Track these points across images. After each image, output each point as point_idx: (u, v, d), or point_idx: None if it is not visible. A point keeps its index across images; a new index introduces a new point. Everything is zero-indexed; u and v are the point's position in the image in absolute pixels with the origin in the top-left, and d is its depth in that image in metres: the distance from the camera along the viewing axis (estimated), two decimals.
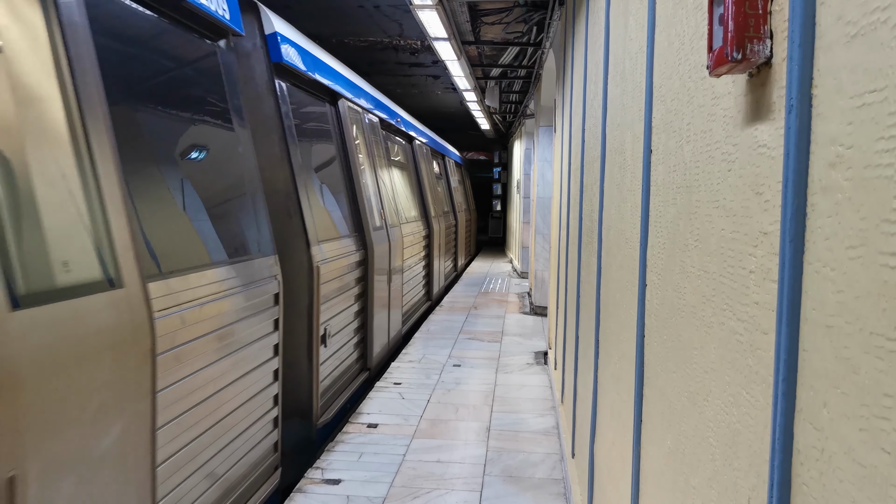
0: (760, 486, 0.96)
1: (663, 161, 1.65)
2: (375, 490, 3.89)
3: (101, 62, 2.35)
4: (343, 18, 8.09)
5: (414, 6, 5.40)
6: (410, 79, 12.00)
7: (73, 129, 2.15)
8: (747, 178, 1.04)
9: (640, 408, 1.86)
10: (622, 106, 2.33)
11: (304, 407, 4.48)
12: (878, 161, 0.67)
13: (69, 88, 2.14)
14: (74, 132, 2.15)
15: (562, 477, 4.10)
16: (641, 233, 1.88)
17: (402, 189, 8.70)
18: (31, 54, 2.01)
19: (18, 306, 1.75)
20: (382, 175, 7.27)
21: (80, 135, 2.17)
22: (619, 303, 2.28)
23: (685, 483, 1.37)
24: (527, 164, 12.83)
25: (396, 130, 8.90)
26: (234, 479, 3.20)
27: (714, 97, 1.22)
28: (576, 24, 4.24)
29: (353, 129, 6.15)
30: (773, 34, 0.95)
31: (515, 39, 7.55)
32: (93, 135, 2.23)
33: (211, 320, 2.90)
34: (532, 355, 7.23)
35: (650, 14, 1.81)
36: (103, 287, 2.13)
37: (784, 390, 0.87)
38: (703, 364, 1.27)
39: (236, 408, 3.18)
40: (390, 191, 7.65)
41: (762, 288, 0.97)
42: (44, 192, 1.96)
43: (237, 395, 3.20)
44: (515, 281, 13.59)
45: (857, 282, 0.71)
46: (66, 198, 2.06)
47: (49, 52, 2.06)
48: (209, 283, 2.92)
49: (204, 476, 2.87)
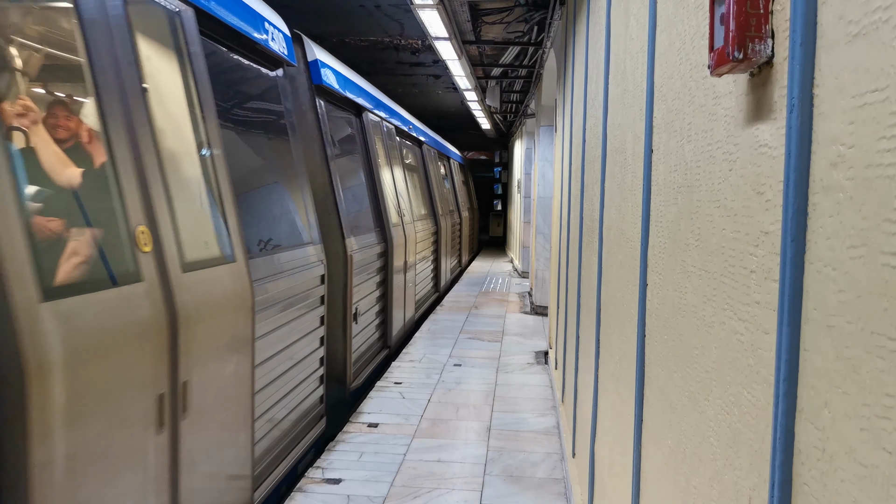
0: (761, 486, 0.96)
1: (664, 160, 1.65)
2: (376, 489, 3.89)
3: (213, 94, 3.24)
4: (344, 18, 8.09)
5: (415, 5, 5.40)
6: (411, 78, 12.00)
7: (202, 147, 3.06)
8: (748, 178, 1.04)
9: (641, 407, 1.86)
10: (623, 105, 2.33)
11: (340, 373, 5.40)
12: (879, 161, 0.67)
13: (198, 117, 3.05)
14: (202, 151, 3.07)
15: (562, 476, 4.10)
16: (642, 232, 1.88)
17: (415, 189, 9.66)
18: (175, 92, 2.94)
19: (185, 271, 2.66)
20: (398, 177, 8.20)
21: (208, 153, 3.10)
22: (620, 302, 2.28)
23: (686, 483, 1.37)
24: (527, 163, 12.83)
25: (409, 136, 9.79)
26: (296, 419, 4.16)
27: (715, 97, 1.22)
28: (577, 24, 4.24)
29: (375, 137, 7.11)
30: (774, 34, 0.95)
31: (516, 39, 7.55)
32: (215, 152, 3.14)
33: (284, 291, 3.83)
34: (533, 355, 7.23)
35: (651, 14, 1.81)
36: (227, 261, 3.06)
37: (785, 390, 0.87)
38: (703, 364, 1.27)
39: (297, 363, 4.10)
40: (405, 191, 8.57)
41: (763, 287, 0.97)
42: (191, 195, 2.91)
43: (298, 352, 4.11)
44: (516, 281, 13.60)
45: (858, 281, 0.71)
46: (203, 198, 3.03)
47: (184, 89, 2.99)
48: (283, 262, 3.91)
49: (280, 409, 3.86)
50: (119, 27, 2.49)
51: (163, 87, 2.84)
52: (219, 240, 3.05)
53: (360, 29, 8.62)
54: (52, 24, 2.39)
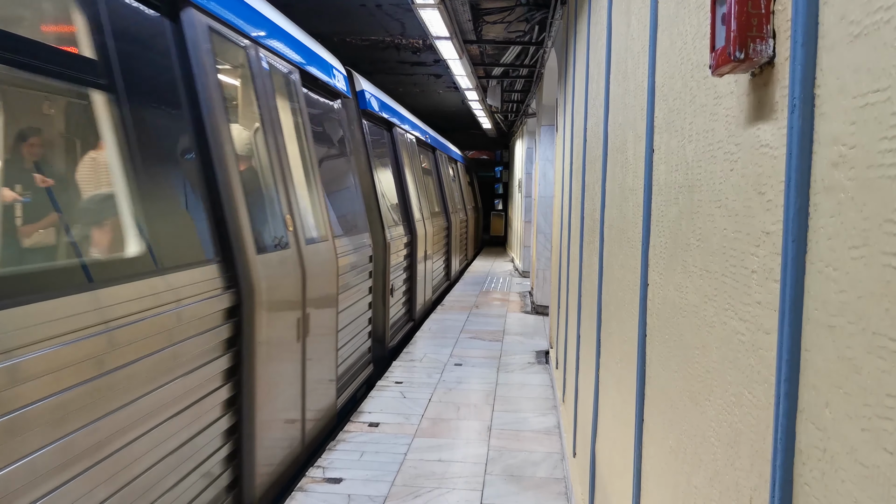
0: (762, 486, 0.96)
1: (665, 160, 1.65)
2: (377, 489, 3.89)
3: None
4: (345, 17, 8.09)
5: (416, 5, 5.40)
6: (412, 78, 12.00)
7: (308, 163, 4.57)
8: (750, 178, 1.04)
9: (642, 407, 1.86)
10: (624, 105, 2.33)
11: (380, 334, 6.93)
12: (881, 161, 0.67)
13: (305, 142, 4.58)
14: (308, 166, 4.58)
15: (563, 476, 4.10)
16: (643, 232, 1.88)
17: (431, 190, 11.47)
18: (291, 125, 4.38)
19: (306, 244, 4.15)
20: (419, 179, 9.81)
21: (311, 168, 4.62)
22: (621, 302, 2.28)
23: (687, 482, 1.37)
24: (528, 163, 12.83)
25: (425, 144, 11.55)
26: (355, 359, 5.70)
27: (716, 97, 1.22)
28: (578, 24, 4.24)
29: (402, 148, 8.76)
30: (775, 34, 0.95)
31: (517, 38, 7.54)
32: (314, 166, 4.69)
33: (350, 264, 5.33)
34: (533, 354, 7.23)
35: (652, 13, 1.81)
36: (323, 240, 4.56)
37: (786, 390, 0.87)
38: (704, 364, 1.27)
39: (356, 318, 5.65)
40: (424, 191, 10.18)
41: (764, 288, 0.97)
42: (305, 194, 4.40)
43: (357, 310, 5.65)
44: (517, 280, 13.59)
45: (859, 282, 0.71)
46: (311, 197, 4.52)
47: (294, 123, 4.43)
48: (350, 244, 5.44)
49: (348, 347, 5.38)
50: (269, 85, 4.00)
51: (286, 122, 4.23)
52: (319, 225, 4.55)
53: (362, 28, 8.62)
54: (246, 84, 3.82)
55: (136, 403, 2.35)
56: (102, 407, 2.16)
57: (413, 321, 8.57)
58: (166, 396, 2.55)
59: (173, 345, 2.59)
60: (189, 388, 2.72)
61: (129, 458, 2.32)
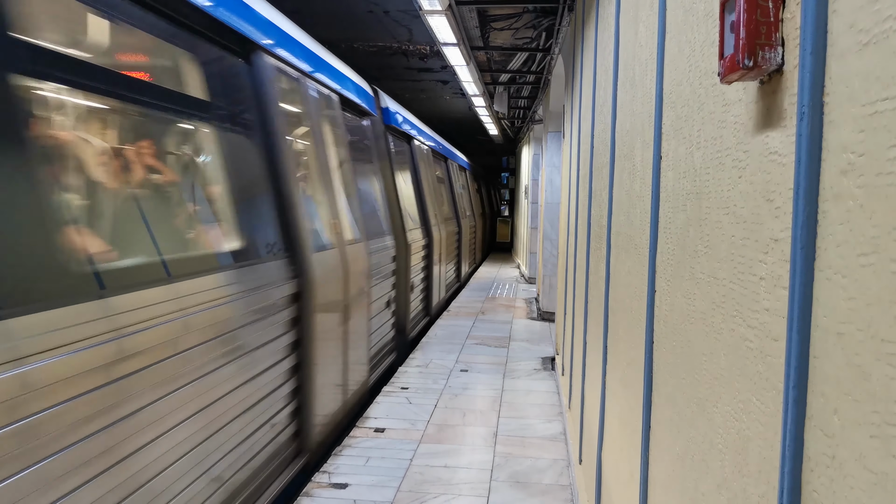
0: (770, 494, 0.96)
1: (673, 167, 1.65)
2: (382, 494, 3.88)
3: None
4: (353, 23, 8.12)
5: (424, 12, 5.42)
6: (419, 84, 12.03)
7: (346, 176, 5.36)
8: (758, 185, 1.04)
9: (649, 414, 1.86)
10: (632, 112, 2.33)
11: (402, 327, 7.68)
12: (890, 169, 0.68)
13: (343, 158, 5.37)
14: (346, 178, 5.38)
15: (569, 483, 4.08)
16: (651, 239, 1.88)
17: (444, 196, 12.30)
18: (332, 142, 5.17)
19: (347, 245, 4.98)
20: (434, 186, 10.60)
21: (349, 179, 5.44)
22: (628, 308, 2.28)
23: (694, 490, 1.37)
24: (535, 169, 12.83)
25: (439, 155, 12.34)
26: (382, 345, 6.64)
27: (725, 104, 1.23)
28: (585, 30, 4.25)
29: (420, 159, 9.56)
30: (784, 41, 0.95)
31: (524, 45, 7.56)
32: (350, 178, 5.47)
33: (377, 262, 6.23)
34: (539, 361, 7.22)
35: (661, 21, 1.81)
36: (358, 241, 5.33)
37: (795, 397, 0.87)
38: (712, 370, 1.27)
39: (382, 310, 6.56)
40: (438, 198, 11.00)
41: (773, 294, 0.97)
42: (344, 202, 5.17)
43: (383, 303, 6.56)
44: (523, 286, 13.58)
45: (868, 289, 0.71)
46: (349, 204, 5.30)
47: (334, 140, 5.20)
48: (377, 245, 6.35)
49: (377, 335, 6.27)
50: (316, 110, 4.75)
51: (329, 140, 4.95)
52: (355, 229, 5.31)
53: (369, 35, 8.66)
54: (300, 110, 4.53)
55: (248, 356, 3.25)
56: (229, 360, 3.05)
57: (429, 316, 9.38)
58: (260, 357, 3.40)
59: (266, 318, 3.46)
60: (272, 352, 3.56)
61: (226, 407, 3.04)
